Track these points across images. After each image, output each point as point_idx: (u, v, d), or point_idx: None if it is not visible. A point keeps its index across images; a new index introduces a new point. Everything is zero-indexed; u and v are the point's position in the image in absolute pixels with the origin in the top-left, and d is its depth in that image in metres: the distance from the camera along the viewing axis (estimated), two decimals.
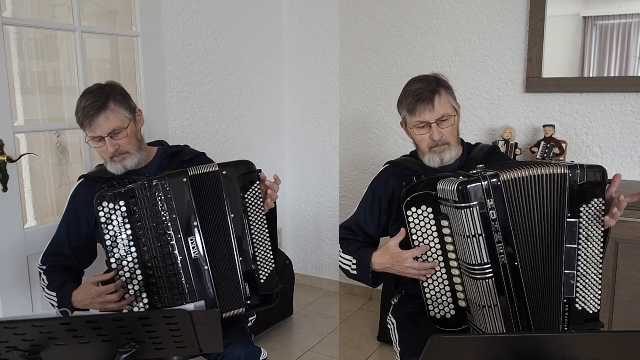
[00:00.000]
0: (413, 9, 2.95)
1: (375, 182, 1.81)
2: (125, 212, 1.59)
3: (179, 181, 1.62)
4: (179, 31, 2.67)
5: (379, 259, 1.61)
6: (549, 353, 1.02)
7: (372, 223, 1.77)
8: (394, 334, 1.71)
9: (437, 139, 1.62)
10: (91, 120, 1.63)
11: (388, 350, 2.66)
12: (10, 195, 2.01)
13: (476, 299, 1.45)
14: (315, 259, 3.53)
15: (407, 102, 1.65)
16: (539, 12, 2.59)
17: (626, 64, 2.49)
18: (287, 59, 3.41)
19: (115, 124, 1.65)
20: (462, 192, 1.39)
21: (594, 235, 1.46)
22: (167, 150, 1.87)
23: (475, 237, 1.40)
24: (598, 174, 1.44)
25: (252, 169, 1.68)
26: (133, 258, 1.59)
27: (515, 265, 1.43)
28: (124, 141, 1.67)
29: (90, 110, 1.63)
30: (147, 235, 1.60)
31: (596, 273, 1.47)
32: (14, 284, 2.04)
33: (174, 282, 1.60)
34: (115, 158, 1.68)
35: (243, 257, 1.67)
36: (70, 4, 2.18)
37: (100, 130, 1.64)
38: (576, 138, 2.62)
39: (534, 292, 1.45)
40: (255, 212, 1.68)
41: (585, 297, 1.47)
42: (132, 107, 1.73)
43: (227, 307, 1.65)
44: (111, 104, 1.65)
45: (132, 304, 1.60)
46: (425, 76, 1.69)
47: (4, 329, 1.04)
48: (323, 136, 3.37)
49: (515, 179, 1.43)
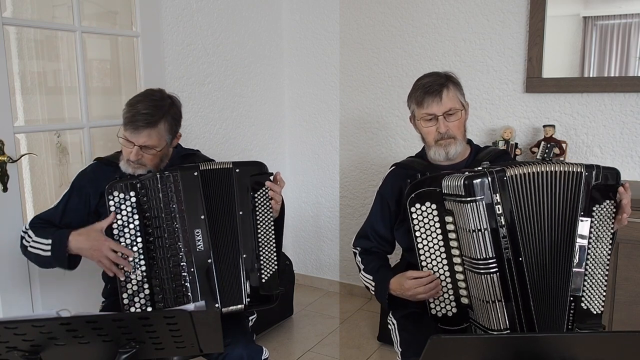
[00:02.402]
0: (413, 9, 2.95)
1: (382, 187, 1.84)
2: (135, 203, 1.62)
3: (189, 174, 1.64)
4: (179, 31, 2.67)
5: (393, 285, 1.65)
6: (549, 353, 1.02)
7: (385, 225, 1.81)
8: (395, 334, 1.71)
9: (443, 131, 1.65)
10: (136, 129, 1.63)
11: (388, 350, 2.66)
12: (10, 195, 2.01)
13: (479, 294, 1.46)
14: (315, 259, 3.53)
15: (415, 95, 1.70)
16: (539, 12, 2.59)
17: (626, 64, 2.49)
18: (287, 59, 3.41)
19: (152, 142, 1.66)
20: (468, 186, 1.41)
21: (604, 236, 1.47)
22: (181, 152, 1.90)
23: (480, 231, 1.42)
24: (613, 175, 1.46)
25: (264, 170, 1.73)
26: (138, 248, 1.61)
27: (519, 260, 1.44)
28: (149, 157, 1.69)
29: (141, 120, 1.63)
30: (154, 225, 1.63)
31: (603, 274, 1.47)
32: (14, 284, 2.04)
33: (177, 273, 1.62)
34: (132, 163, 1.69)
35: (247, 255, 1.69)
36: (70, 4, 2.18)
37: (136, 140, 1.65)
38: (576, 138, 2.62)
39: (539, 288, 1.46)
40: (263, 212, 1.71)
41: (591, 297, 1.48)
42: (174, 131, 1.74)
43: (226, 302, 1.66)
44: (160, 125, 1.66)
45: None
46: (436, 72, 1.73)
47: (4, 329, 1.04)
48: (323, 136, 3.37)
49: (522, 174, 1.44)
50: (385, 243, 1.83)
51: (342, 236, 3.39)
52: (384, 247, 1.83)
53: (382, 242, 1.82)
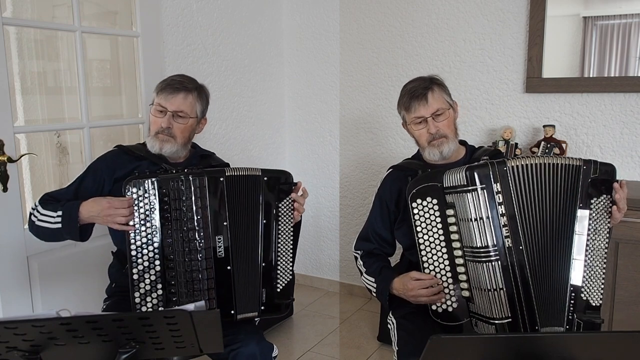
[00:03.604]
0: (413, 9, 2.95)
1: (380, 189, 1.86)
2: (154, 202, 1.59)
3: (215, 180, 1.63)
4: (179, 31, 2.67)
5: (396, 284, 1.68)
6: (549, 353, 1.02)
7: (385, 227, 1.83)
8: (394, 334, 1.72)
9: (433, 131, 1.69)
10: (172, 92, 1.72)
11: (388, 350, 2.66)
12: (10, 195, 2.01)
13: (481, 283, 1.48)
14: (315, 259, 3.53)
15: (403, 101, 1.75)
16: (539, 12, 2.59)
17: (626, 64, 2.49)
18: (287, 59, 3.41)
19: (186, 107, 1.73)
20: (470, 176, 1.47)
21: (601, 228, 1.51)
22: (198, 152, 1.91)
23: (481, 219, 1.46)
24: (609, 171, 1.51)
25: (290, 180, 1.74)
26: (154, 247, 1.58)
27: (520, 249, 1.47)
28: (179, 126, 1.73)
29: (178, 84, 1.74)
30: (173, 227, 1.59)
31: (600, 266, 1.52)
32: (14, 284, 2.03)
33: (194, 278, 1.60)
34: (160, 135, 1.72)
35: (265, 263, 1.69)
36: (70, 4, 2.18)
37: (171, 104, 1.71)
38: (576, 138, 2.62)
39: (540, 277, 1.49)
40: (284, 222, 1.72)
41: (590, 289, 1.52)
42: (203, 111, 1.83)
43: (242, 309, 1.66)
44: (195, 93, 1.77)
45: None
46: (420, 77, 1.78)
47: (4, 329, 1.04)
48: (323, 136, 3.37)
49: (522, 165, 1.49)
50: (386, 244, 1.85)
51: (342, 236, 3.39)
52: (385, 248, 1.85)
53: (383, 243, 1.84)
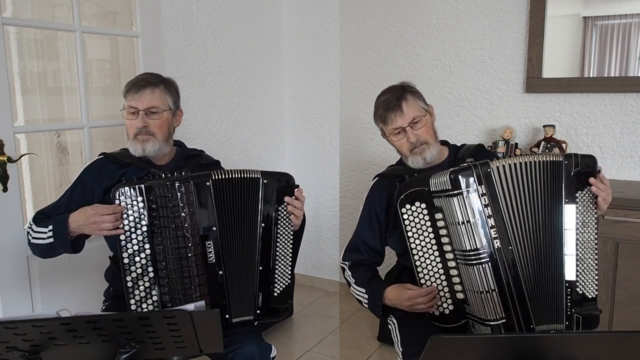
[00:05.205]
0: (413, 9, 2.95)
1: (368, 198, 1.85)
2: (142, 209, 1.57)
3: (202, 184, 1.59)
4: (179, 31, 2.67)
5: (390, 294, 1.67)
6: (548, 353, 1.02)
7: (374, 236, 1.82)
8: (395, 335, 1.72)
9: (413, 140, 1.70)
10: (138, 90, 1.70)
11: (388, 350, 2.66)
12: (10, 195, 2.01)
13: (473, 286, 1.49)
14: (315, 259, 3.53)
15: (378, 114, 1.75)
16: (539, 12, 2.59)
17: (626, 64, 2.49)
18: (287, 59, 3.41)
19: (156, 102, 1.72)
20: (454, 180, 1.47)
21: (589, 220, 1.53)
22: (185, 152, 1.88)
23: (468, 222, 1.47)
24: (590, 162, 1.53)
25: (292, 183, 1.70)
26: (146, 255, 1.57)
27: (509, 249, 1.48)
28: (155, 122, 1.72)
29: (142, 82, 1.72)
30: (163, 234, 1.57)
31: (592, 258, 1.53)
32: (14, 284, 2.03)
33: (187, 284, 1.58)
34: (139, 136, 1.70)
35: (263, 267, 1.67)
36: (70, 4, 2.18)
37: (140, 103, 1.69)
38: (576, 138, 2.62)
39: (533, 275, 1.50)
40: (284, 226, 1.70)
41: (584, 281, 1.53)
42: (176, 103, 1.81)
43: (237, 313, 1.64)
44: (162, 86, 1.75)
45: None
46: (392, 86, 1.77)
47: (4, 329, 1.04)
48: (323, 136, 3.37)
49: (505, 166, 1.50)
50: (375, 254, 1.84)
51: (342, 236, 3.39)
52: (374, 258, 1.84)
53: (372, 253, 1.83)
